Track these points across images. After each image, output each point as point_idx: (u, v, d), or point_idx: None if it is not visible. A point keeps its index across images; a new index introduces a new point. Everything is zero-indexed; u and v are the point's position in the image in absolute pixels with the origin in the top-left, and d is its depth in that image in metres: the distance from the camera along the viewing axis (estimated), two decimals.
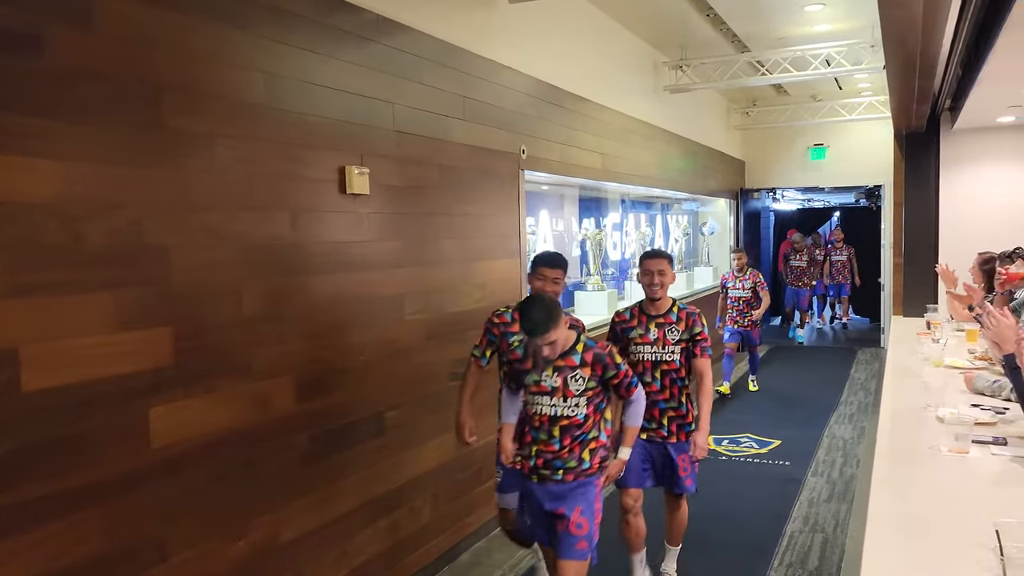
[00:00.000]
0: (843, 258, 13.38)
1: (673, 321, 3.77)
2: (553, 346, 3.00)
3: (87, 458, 2.49)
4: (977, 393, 3.54)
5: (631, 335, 3.82)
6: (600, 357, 3.10)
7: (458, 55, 4.51)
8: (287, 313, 3.30)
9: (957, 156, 7.00)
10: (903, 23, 2.92)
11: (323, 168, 3.49)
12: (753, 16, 7.13)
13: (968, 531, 1.97)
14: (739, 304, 8.40)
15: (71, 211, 2.43)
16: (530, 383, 3.14)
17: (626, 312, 3.91)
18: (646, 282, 3.74)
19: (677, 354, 3.76)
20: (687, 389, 3.84)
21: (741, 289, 8.38)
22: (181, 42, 2.81)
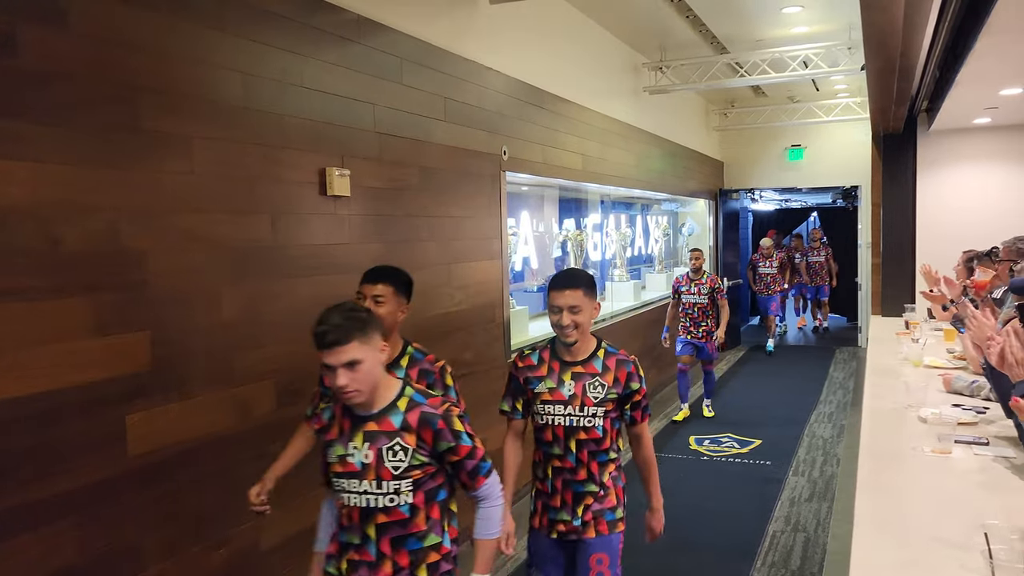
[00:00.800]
0: (821, 259, 13.05)
1: (598, 372, 2.76)
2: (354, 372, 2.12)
3: (62, 467, 2.43)
4: (955, 393, 3.56)
5: (537, 388, 2.80)
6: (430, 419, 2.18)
7: (439, 56, 4.48)
8: (267, 317, 3.25)
9: (934, 157, 7.08)
10: (884, 27, 2.94)
11: (303, 170, 3.45)
12: (732, 18, 7.17)
13: (954, 532, 1.98)
14: (694, 312, 7.42)
15: (46, 214, 2.38)
16: None
17: (532, 354, 2.88)
18: (554, 321, 2.69)
19: (600, 418, 2.74)
20: (611, 466, 2.85)
21: (696, 295, 7.42)
22: (158, 43, 2.76)
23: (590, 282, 2.74)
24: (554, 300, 2.68)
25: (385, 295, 2.78)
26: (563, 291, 2.68)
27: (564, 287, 2.68)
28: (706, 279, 7.40)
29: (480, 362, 4.93)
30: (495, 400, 5.07)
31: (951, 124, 6.36)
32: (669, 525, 4.87)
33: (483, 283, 5.01)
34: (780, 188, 12.50)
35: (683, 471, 6.06)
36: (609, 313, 7.54)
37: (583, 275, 2.76)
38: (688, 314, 7.45)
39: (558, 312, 2.67)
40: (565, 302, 2.66)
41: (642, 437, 2.91)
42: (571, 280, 2.71)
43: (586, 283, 2.71)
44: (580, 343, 2.74)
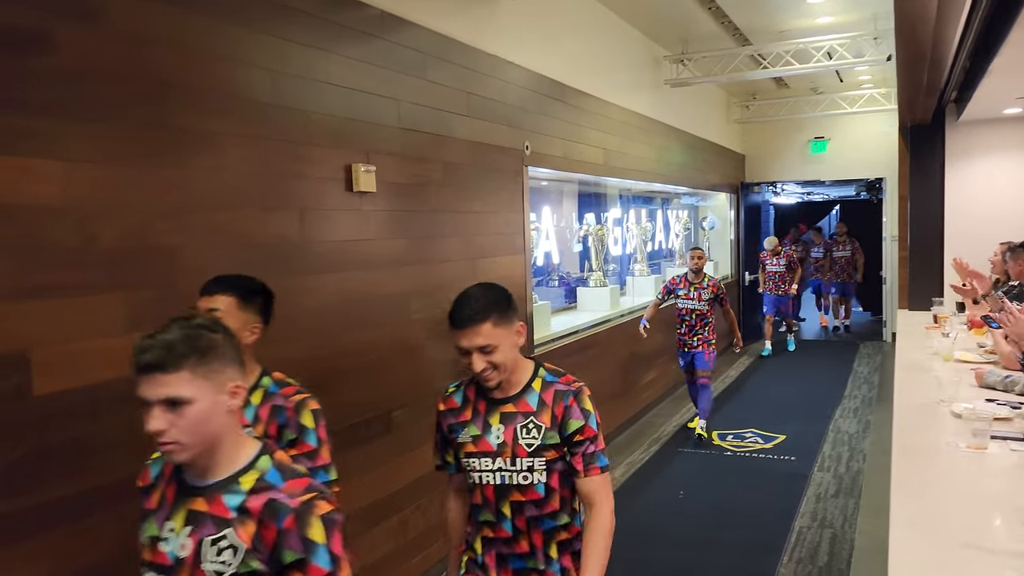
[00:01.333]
0: (847, 254, 12.22)
1: (532, 409, 2.10)
2: None
3: (98, 461, 2.46)
4: (988, 388, 3.52)
5: (460, 437, 2.16)
6: None
7: (461, 50, 4.47)
8: (294, 313, 3.26)
9: (963, 148, 6.98)
10: (917, 16, 2.90)
11: (329, 166, 3.46)
12: (755, 9, 7.10)
13: (995, 532, 1.95)
14: (691, 319, 6.56)
15: (81, 212, 2.40)
16: None
17: (456, 393, 2.23)
18: (464, 364, 2.05)
19: (540, 473, 2.09)
20: (562, 535, 2.18)
21: (696, 300, 6.53)
22: (188, 40, 2.78)
23: (500, 303, 2.06)
24: (457, 341, 2.03)
25: (225, 309, 2.21)
26: (464, 330, 2.00)
27: (465, 324, 2.00)
28: (707, 283, 6.54)
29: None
30: None
31: (981, 115, 6.27)
32: (693, 522, 4.89)
33: (506, 278, 5.00)
34: (803, 181, 12.39)
35: (706, 467, 6.03)
36: (629, 308, 7.51)
37: (488, 298, 2.05)
38: (685, 321, 6.58)
39: (466, 355, 2.03)
40: (472, 343, 2.00)
41: (593, 499, 2.08)
42: (473, 312, 2.00)
43: (495, 308, 2.03)
44: (509, 377, 2.10)
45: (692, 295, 6.54)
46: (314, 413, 2.30)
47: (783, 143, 11.84)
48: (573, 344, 6.03)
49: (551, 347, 5.68)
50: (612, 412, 6.79)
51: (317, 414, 2.31)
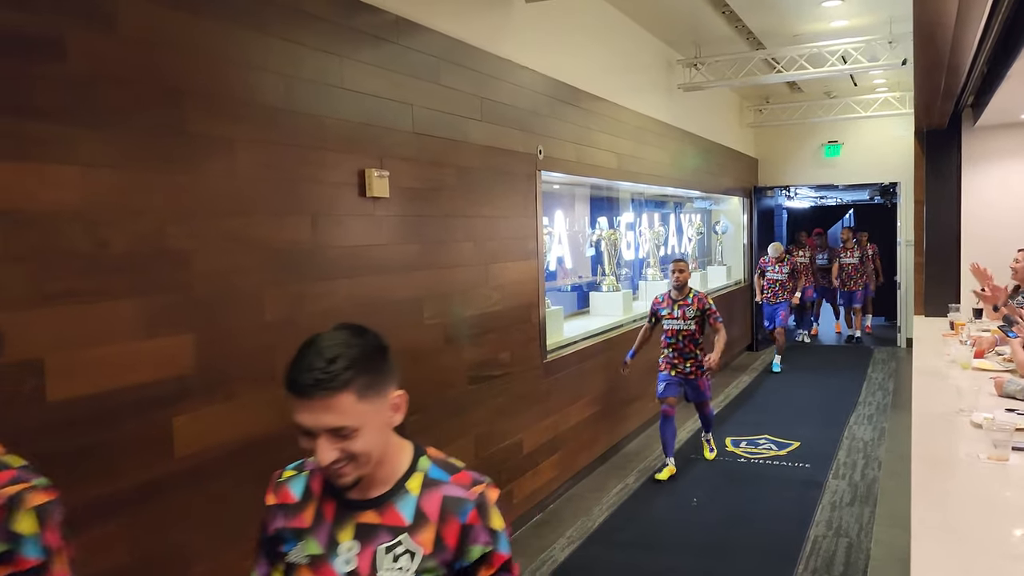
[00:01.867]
0: (854, 261, 11.55)
1: (404, 524, 1.44)
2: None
3: (111, 468, 2.45)
4: (1008, 397, 3.47)
5: (291, 555, 1.48)
6: None
7: (475, 55, 4.46)
8: (307, 318, 3.26)
9: (979, 153, 6.91)
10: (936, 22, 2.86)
11: (342, 171, 3.45)
12: (769, 13, 7.06)
13: (1017, 545, 1.92)
14: (678, 341, 5.82)
15: (95, 218, 2.40)
16: None
17: (294, 480, 1.55)
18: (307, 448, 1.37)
19: None
20: None
21: (681, 319, 5.81)
22: (202, 45, 2.77)
23: (370, 361, 1.40)
24: (298, 415, 1.36)
25: None
26: (309, 400, 1.34)
27: (311, 392, 1.34)
28: (692, 299, 5.81)
29: (517, 363, 4.91)
30: (531, 402, 5.09)
31: (998, 120, 6.21)
32: (707, 529, 4.85)
33: (519, 283, 4.99)
34: (816, 185, 12.31)
35: (720, 474, 5.98)
36: (642, 313, 7.47)
37: (353, 354, 1.37)
38: (672, 344, 5.85)
39: (309, 436, 1.37)
40: (318, 422, 1.35)
41: None
42: (326, 376, 1.33)
43: (362, 371, 1.37)
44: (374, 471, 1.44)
45: (676, 314, 5.82)
46: (43, 514, 1.47)
47: (796, 147, 11.78)
48: (586, 350, 6.01)
49: (564, 352, 5.66)
50: (624, 419, 6.76)
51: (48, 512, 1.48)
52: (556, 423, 5.47)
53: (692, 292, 5.89)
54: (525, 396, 5.05)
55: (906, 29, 6.84)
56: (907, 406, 7.23)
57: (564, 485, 5.62)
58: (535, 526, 5.06)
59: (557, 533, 4.93)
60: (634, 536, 4.84)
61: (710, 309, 5.81)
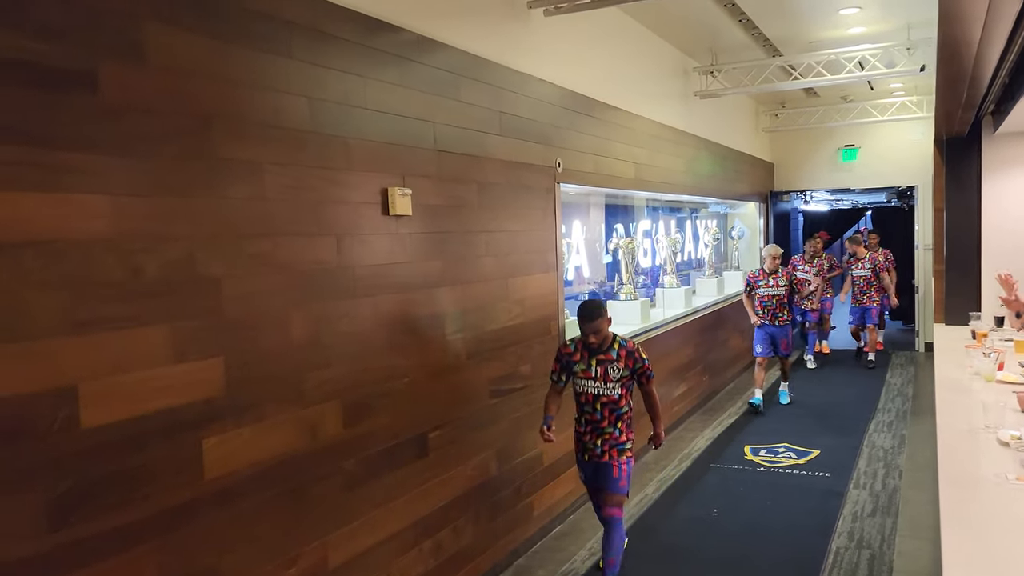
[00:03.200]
0: (866, 272, 10.26)
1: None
2: None
3: (143, 492, 2.49)
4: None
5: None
6: None
7: (494, 70, 4.48)
8: (333, 338, 3.29)
9: (1000, 160, 6.87)
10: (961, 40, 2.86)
11: (366, 191, 3.48)
12: (786, 20, 7.05)
13: None
14: (592, 409, 4.13)
15: (128, 245, 2.43)
16: None
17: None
18: None
19: None
20: None
21: (599, 380, 4.08)
22: (229, 71, 2.81)
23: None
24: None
25: None
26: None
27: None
28: (618, 352, 4.08)
29: (537, 375, 4.92)
30: None
31: (1019, 127, 6.16)
32: (728, 541, 4.85)
33: (539, 296, 5.00)
34: (833, 189, 12.26)
35: (739, 483, 5.97)
36: (660, 321, 7.47)
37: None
38: (585, 412, 4.20)
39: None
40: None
41: None
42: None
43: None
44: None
45: (594, 372, 4.07)
46: None
47: (813, 151, 11.74)
48: None
49: None
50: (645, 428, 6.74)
51: None
52: None
53: (618, 342, 4.10)
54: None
55: (924, 35, 6.83)
56: (927, 412, 7.20)
57: (584, 496, 5.62)
58: (556, 537, 5.07)
59: (578, 544, 4.94)
60: (655, 547, 4.84)
61: (644, 366, 4.10)
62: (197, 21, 2.68)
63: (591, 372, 4.12)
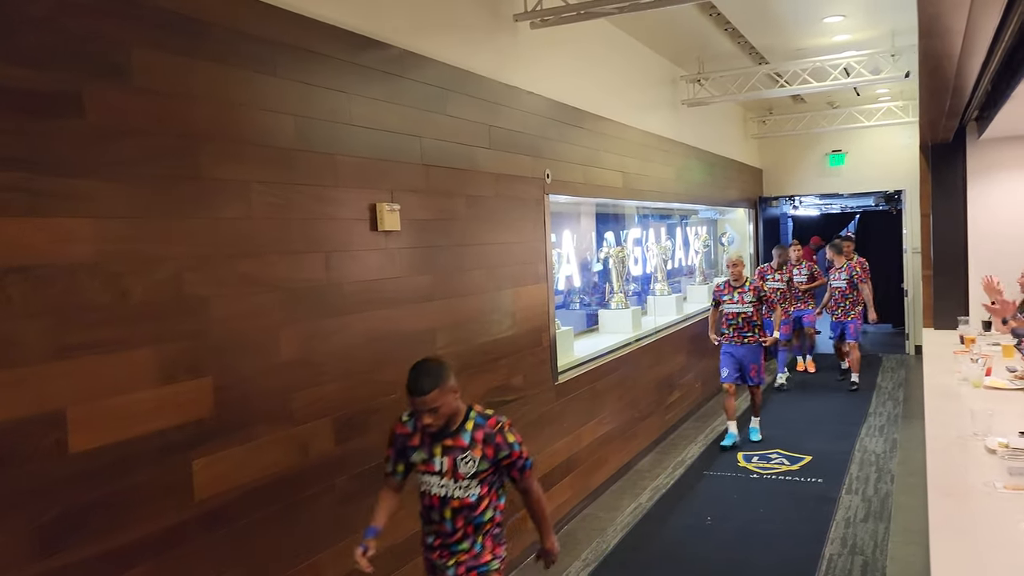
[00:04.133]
0: (842, 284, 9.24)
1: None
2: None
3: (133, 515, 2.48)
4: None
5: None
6: None
7: (482, 84, 4.50)
8: (322, 355, 3.28)
9: (985, 166, 6.93)
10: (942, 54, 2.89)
11: (354, 207, 3.49)
12: (771, 29, 7.10)
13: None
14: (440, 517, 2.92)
15: (114, 268, 2.43)
16: None
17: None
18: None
19: None
20: None
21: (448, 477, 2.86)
22: (215, 91, 2.81)
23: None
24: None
25: None
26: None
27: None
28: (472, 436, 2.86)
29: (529, 386, 4.93)
30: (543, 424, 5.10)
31: (1002, 133, 6.22)
32: (722, 548, 4.85)
33: (530, 307, 5.01)
34: (821, 194, 12.33)
35: (733, 490, 5.98)
36: (652, 329, 7.49)
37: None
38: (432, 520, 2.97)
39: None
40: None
41: None
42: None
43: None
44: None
45: (438, 466, 2.87)
46: None
47: (801, 157, 11.81)
48: (596, 369, 6.02)
49: (575, 373, 5.67)
50: (635, 436, 6.76)
51: None
52: (569, 444, 5.48)
53: (472, 419, 2.87)
54: (538, 419, 5.07)
55: (908, 42, 6.89)
56: (917, 416, 7.22)
57: (578, 506, 5.62)
58: None
59: (573, 556, 4.94)
60: (650, 557, 4.84)
61: (514, 454, 2.86)
62: (182, 43, 2.68)
63: (434, 465, 2.83)
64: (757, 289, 6.99)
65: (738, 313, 6.92)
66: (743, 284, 6.93)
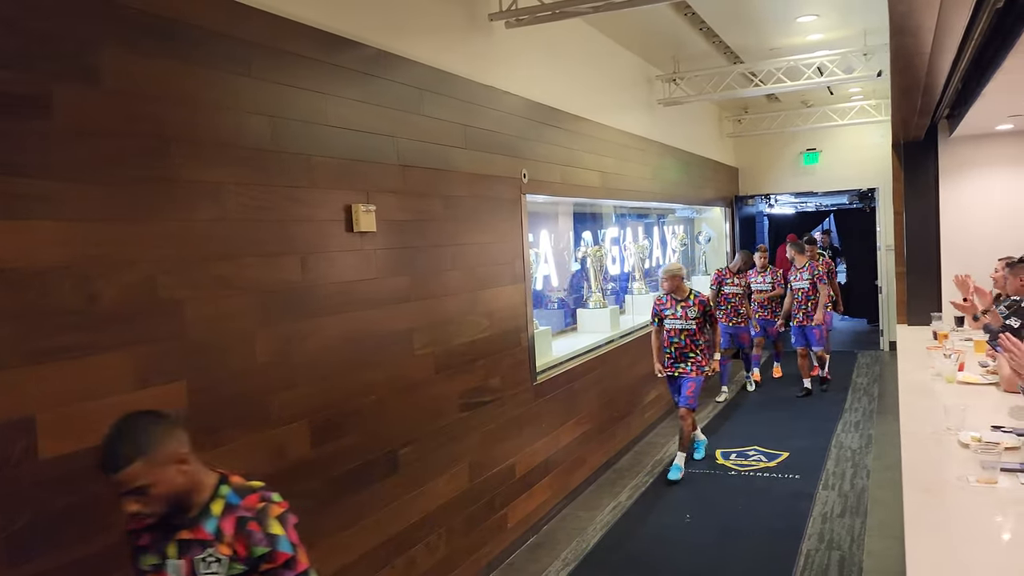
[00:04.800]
0: (804, 285, 8.55)
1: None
2: None
3: (104, 522, 2.43)
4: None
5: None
6: None
7: (458, 84, 4.49)
8: (298, 357, 3.26)
9: (956, 163, 7.03)
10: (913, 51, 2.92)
11: (330, 208, 3.46)
12: (745, 28, 7.15)
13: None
14: None
15: (83, 272, 2.39)
16: None
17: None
18: None
19: None
20: None
21: None
22: (189, 92, 2.78)
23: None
24: None
25: None
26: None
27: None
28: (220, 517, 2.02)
29: (507, 387, 4.93)
30: (522, 425, 5.10)
31: (973, 131, 6.31)
32: (702, 547, 4.88)
33: (508, 308, 5.00)
34: (797, 192, 12.45)
35: (711, 487, 6.01)
36: (630, 328, 7.52)
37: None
38: None
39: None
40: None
41: None
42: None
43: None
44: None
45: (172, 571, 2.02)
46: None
47: (776, 155, 11.91)
48: (575, 369, 6.03)
49: (553, 373, 5.67)
50: (613, 435, 6.78)
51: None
52: (548, 445, 5.48)
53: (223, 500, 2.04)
54: (516, 420, 5.06)
55: (880, 41, 6.96)
56: (892, 411, 7.31)
57: (558, 506, 5.63)
58: (530, 549, 5.07)
59: (552, 556, 4.94)
60: (629, 556, 4.86)
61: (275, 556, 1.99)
62: (154, 43, 2.65)
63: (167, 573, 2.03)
64: (704, 303, 6.20)
65: (681, 330, 6.16)
66: (686, 297, 6.18)
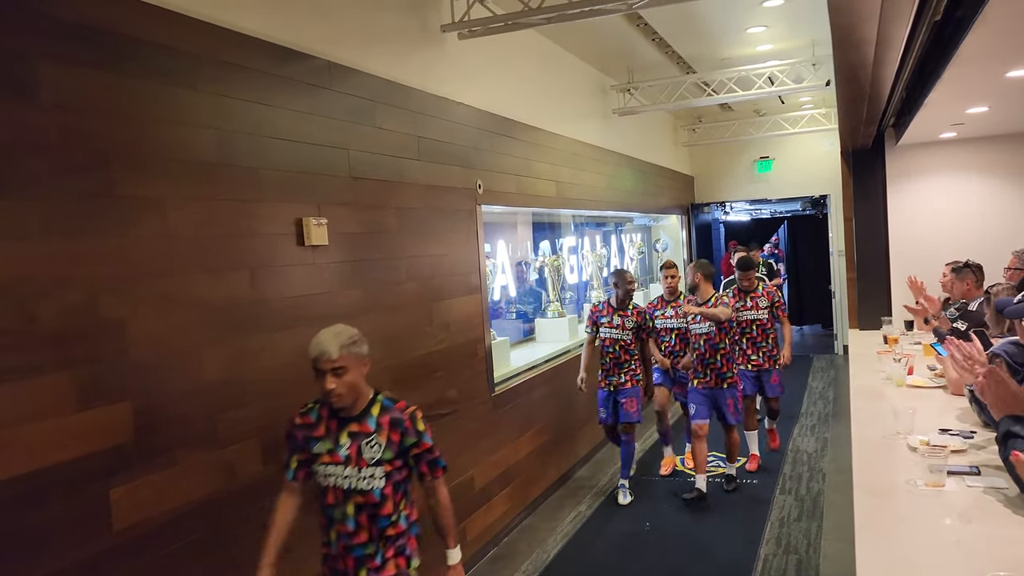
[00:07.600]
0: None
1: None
2: None
3: (48, 548, 2.36)
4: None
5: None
6: None
7: (410, 95, 4.46)
8: (249, 374, 3.19)
9: (903, 171, 7.20)
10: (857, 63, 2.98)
11: (279, 222, 3.41)
12: (697, 39, 7.24)
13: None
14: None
15: (20, 292, 2.31)
16: None
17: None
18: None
19: None
20: None
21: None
22: (131, 107, 2.71)
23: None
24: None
25: None
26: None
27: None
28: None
29: (464, 399, 4.90)
30: (481, 437, 5.07)
31: (918, 139, 6.48)
32: (662, 555, 4.89)
33: (464, 319, 4.98)
34: (751, 200, 12.65)
35: (672, 494, 6.04)
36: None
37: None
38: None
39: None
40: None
41: None
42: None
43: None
44: None
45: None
46: None
47: (730, 164, 12.08)
48: (533, 379, 6.02)
49: (512, 384, 5.65)
50: (574, 444, 6.78)
51: None
52: (507, 456, 5.46)
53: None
54: (474, 432, 5.04)
55: (828, 52, 7.09)
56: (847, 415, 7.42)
57: (518, 517, 5.60)
58: (491, 561, 5.03)
59: (512, 568, 4.91)
60: (590, 567, 4.85)
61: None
62: (93, 56, 2.58)
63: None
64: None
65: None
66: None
